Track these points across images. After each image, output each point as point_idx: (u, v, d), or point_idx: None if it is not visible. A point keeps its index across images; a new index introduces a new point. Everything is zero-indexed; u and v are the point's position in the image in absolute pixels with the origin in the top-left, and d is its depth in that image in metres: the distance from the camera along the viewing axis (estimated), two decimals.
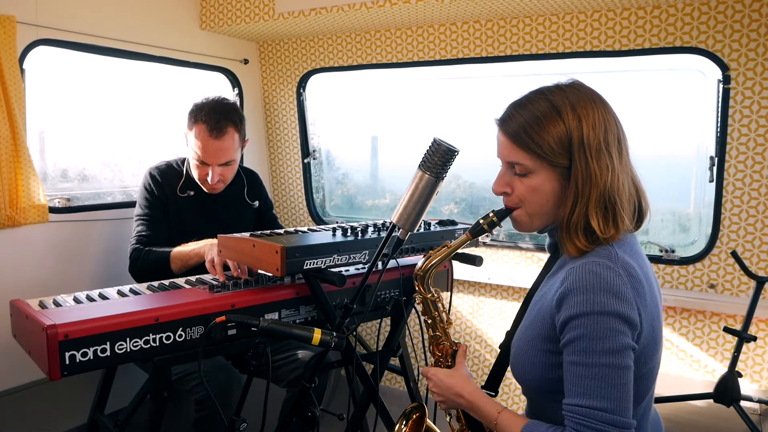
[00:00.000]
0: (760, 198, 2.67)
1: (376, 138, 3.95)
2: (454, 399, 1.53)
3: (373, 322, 3.52)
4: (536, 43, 2.96)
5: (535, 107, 1.40)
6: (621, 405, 1.25)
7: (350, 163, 4.03)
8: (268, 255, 1.96)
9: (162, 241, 2.57)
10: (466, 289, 3.42)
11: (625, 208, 1.39)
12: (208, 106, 2.53)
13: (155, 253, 2.50)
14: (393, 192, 4.00)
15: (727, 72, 2.63)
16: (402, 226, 1.72)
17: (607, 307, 1.26)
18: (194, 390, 2.31)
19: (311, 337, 1.64)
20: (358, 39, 3.41)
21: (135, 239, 2.58)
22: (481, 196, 3.62)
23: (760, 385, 2.76)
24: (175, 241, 2.54)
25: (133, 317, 1.79)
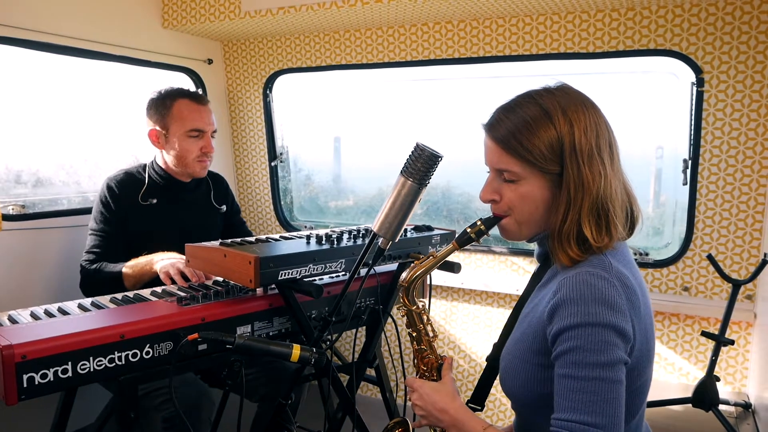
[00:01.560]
0: (733, 201, 2.67)
1: (338, 139, 3.87)
2: (438, 415, 1.45)
3: (347, 333, 3.43)
4: (509, 44, 2.92)
5: (525, 111, 1.35)
6: (612, 421, 1.20)
7: (313, 165, 3.95)
8: (240, 266, 1.87)
9: (115, 256, 2.45)
10: (439, 294, 3.36)
11: (618, 215, 1.35)
12: (177, 88, 2.56)
13: (106, 272, 2.39)
14: (356, 194, 3.93)
15: (700, 75, 2.63)
16: (383, 235, 1.65)
17: (601, 318, 1.22)
18: (161, 407, 2.19)
19: (290, 353, 1.55)
20: (327, 39, 3.32)
21: (86, 255, 2.47)
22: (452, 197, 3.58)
23: (734, 387, 2.77)
24: (137, 251, 2.42)
25: (96, 334, 1.67)
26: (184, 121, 2.48)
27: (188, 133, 2.48)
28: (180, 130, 2.48)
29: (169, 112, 2.48)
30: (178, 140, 2.48)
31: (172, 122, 2.48)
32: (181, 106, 2.49)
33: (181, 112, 2.48)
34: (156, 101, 2.51)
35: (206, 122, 2.53)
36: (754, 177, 2.62)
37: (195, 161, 2.52)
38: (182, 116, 2.48)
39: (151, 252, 2.38)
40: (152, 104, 2.52)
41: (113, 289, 2.27)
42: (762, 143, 2.58)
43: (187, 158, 2.50)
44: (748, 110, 2.58)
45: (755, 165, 2.61)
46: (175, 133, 2.49)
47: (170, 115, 2.48)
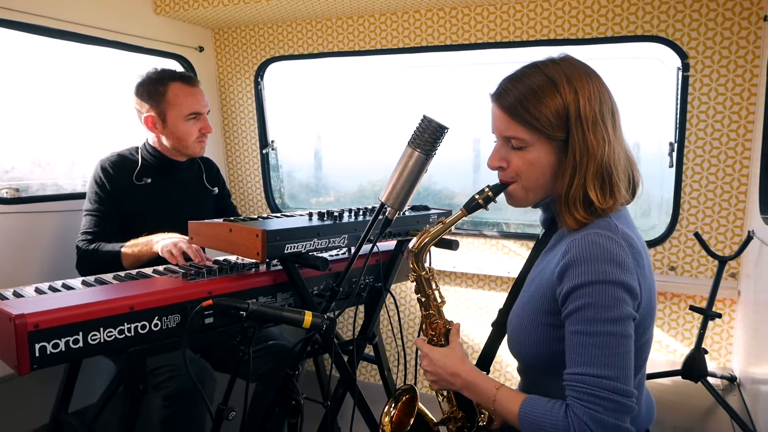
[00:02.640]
0: (717, 182, 2.76)
1: (320, 136, 3.90)
2: (449, 379, 1.49)
3: (347, 312, 3.47)
4: (500, 31, 2.98)
5: (532, 80, 1.40)
6: (624, 373, 1.26)
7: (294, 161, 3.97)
8: (247, 239, 1.89)
9: (112, 236, 2.46)
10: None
11: (621, 178, 1.41)
12: (165, 69, 2.57)
13: (104, 251, 2.39)
14: (337, 190, 3.98)
15: (686, 60, 2.71)
16: (391, 205, 1.69)
17: (610, 276, 1.27)
18: (162, 385, 2.20)
19: (302, 319, 1.58)
20: (320, 27, 3.35)
21: (83, 235, 2.46)
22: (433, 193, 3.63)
23: (719, 363, 2.86)
24: (132, 232, 2.43)
25: (106, 306, 1.69)
26: (182, 106, 2.50)
27: (187, 117, 2.51)
28: (179, 114, 2.50)
29: (164, 97, 2.49)
30: (177, 125, 2.50)
31: (169, 108, 2.49)
32: (175, 90, 2.50)
33: (177, 97, 2.49)
34: (147, 86, 2.51)
35: (202, 104, 2.57)
36: (738, 159, 2.71)
37: (195, 143, 2.56)
38: (179, 101, 2.50)
39: (147, 232, 2.39)
40: (144, 89, 2.51)
41: (111, 269, 2.27)
42: (745, 126, 2.67)
43: (188, 141, 2.53)
44: (732, 94, 2.67)
45: (738, 147, 2.70)
46: (173, 118, 2.50)
47: (166, 100, 2.49)
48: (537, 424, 1.30)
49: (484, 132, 3.30)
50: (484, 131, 3.29)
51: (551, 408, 1.29)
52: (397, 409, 1.71)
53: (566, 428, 1.24)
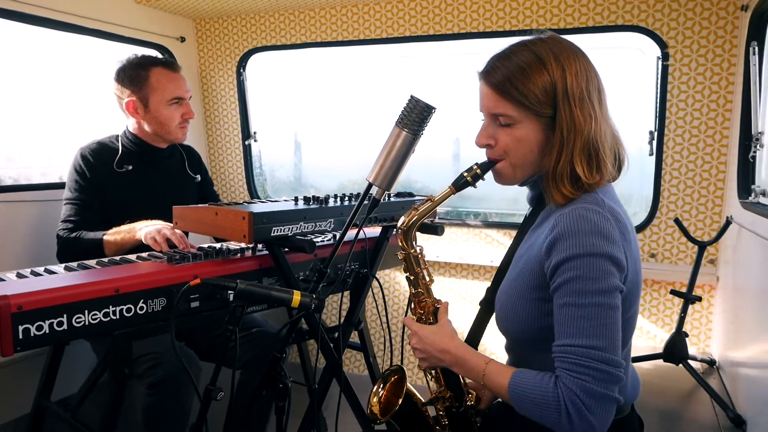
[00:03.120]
0: (696, 170, 2.81)
1: (300, 134, 3.90)
2: (439, 355, 1.50)
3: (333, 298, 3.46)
4: (483, 21, 3.00)
5: (519, 58, 1.41)
6: (612, 344, 1.27)
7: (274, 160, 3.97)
8: (233, 222, 1.88)
9: (93, 225, 2.43)
10: None
11: (608, 154, 1.42)
12: (147, 55, 2.56)
13: (85, 240, 2.36)
14: (317, 188, 3.98)
15: (665, 49, 2.75)
16: (379, 185, 1.69)
17: (598, 249, 1.28)
18: (146, 373, 2.18)
19: (290, 299, 1.58)
20: (303, 17, 3.34)
21: (63, 224, 2.43)
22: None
23: (698, 347, 2.91)
24: (114, 221, 2.40)
25: (91, 288, 1.67)
26: (164, 90, 2.48)
27: (170, 102, 2.49)
28: (161, 99, 2.48)
29: (146, 82, 2.47)
30: (160, 110, 2.49)
31: (152, 93, 2.48)
32: (158, 75, 2.49)
33: (159, 82, 2.48)
34: (129, 71, 2.48)
35: (184, 89, 2.56)
36: (716, 146, 2.76)
37: (177, 128, 2.54)
38: (162, 86, 2.48)
39: (129, 220, 2.36)
40: (125, 74, 2.49)
41: (93, 257, 2.25)
42: (723, 114, 2.72)
43: (170, 126, 2.51)
44: (710, 83, 2.72)
45: (717, 135, 2.75)
46: (156, 103, 2.48)
47: (148, 85, 2.47)
48: (527, 396, 1.31)
49: (464, 132, 3.33)
50: (464, 131, 3.34)
51: (541, 380, 1.30)
52: (386, 390, 1.71)
53: (556, 399, 1.26)
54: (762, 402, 2.09)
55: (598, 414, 1.24)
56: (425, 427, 1.69)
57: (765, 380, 2.09)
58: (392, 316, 3.44)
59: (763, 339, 2.12)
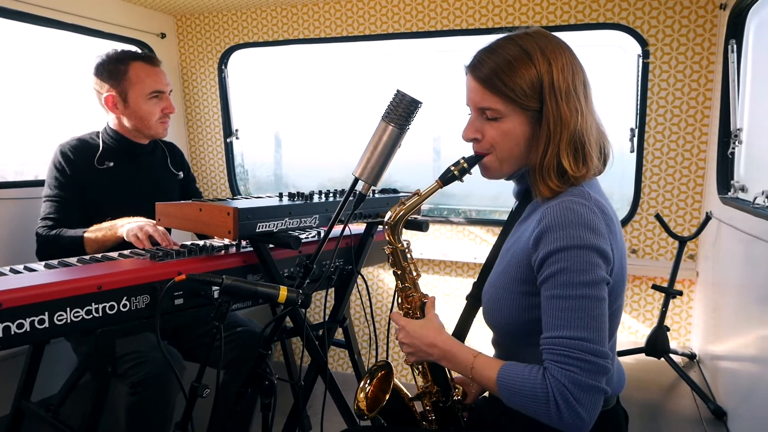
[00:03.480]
0: (676, 166, 2.85)
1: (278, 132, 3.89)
2: (427, 349, 1.50)
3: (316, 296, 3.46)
4: (466, 18, 3.01)
5: (506, 52, 1.41)
6: (599, 335, 1.28)
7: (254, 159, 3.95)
8: (218, 218, 1.86)
9: (73, 222, 2.39)
10: None
11: (593, 148, 1.43)
12: (126, 50, 2.52)
13: (66, 238, 2.32)
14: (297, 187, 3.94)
15: (646, 47, 2.78)
16: (365, 179, 1.68)
17: (585, 241, 1.29)
18: (129, 373, 2.15)
19: (277, 294, 1.57)
20: (285, 13, 3.33)
21: (43, 222, 2.39)
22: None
23: (679, 342, 2.95)
24: (95, 218, 2.37)
25: (73, 285, 1.64)
26: (144, 84, 2.45)
27: (149, 96, 2.46)
28: (140, 93, 2.45)
29: (125, 76, 2.43)
30: (139, 104, 2.45)
31: (131, 87, 2.44)
32: (137, 69, 2.45)
33: (138, 76, 2.44)
34: (108, 65, 2.45)
35: (164, 83, 2.52)
36: (695, 143, 2.79)
37: (158, 123, 2.51)
38: (141, 80, 2.44)
39: (111, 218, 2.33)
40: (104, 69, 2.45)
41: (73, 255, 2.22)
42: (702, 111, 2.76)
43: (150, 120, 2.48)
44: (690, 80, 2.75)
45: (696, 132, 2.78)
46: (135, 97, 2.45)
47: (127, 79, 2.43)
48: (515, 388, 1.31)
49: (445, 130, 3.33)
50: (445, 129, 3.35)
51: (529, 372, 1.31)
52: (373, 385, 1.71)
53: (545, 390, 1.26)
54: (742, 394, 2.13)
55: (587, 405, 1.25)
56: (412, 423, 1.69)
57: (744, 373, 2.12)
58: (377, 314, 3.44)
59: (742, 332, 2.15)
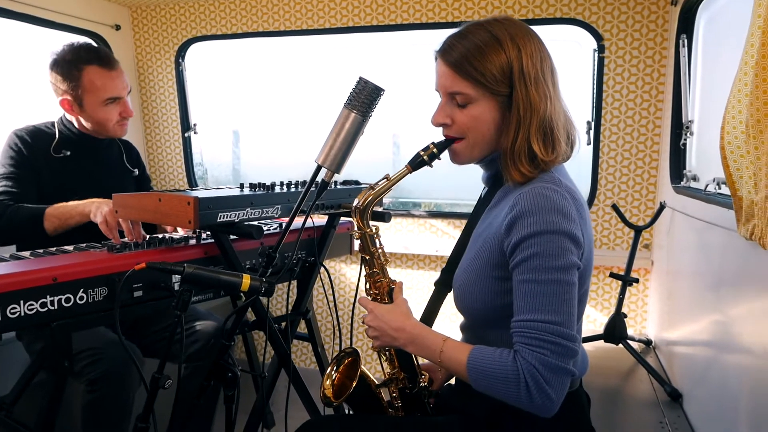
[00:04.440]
0: (631, 158, 2.92)
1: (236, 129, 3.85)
2: (393, 334, 1.49)
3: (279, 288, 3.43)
4: (426, 12, 3.03)
5: (476, 37, 1.42)
6: (569, 319, 1.30)
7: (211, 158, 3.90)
8: (178, 208, 1.83)
9: (29, 202, 2.30)
10: (358, 258, 3.41)
11: (561, 133, 1.46)
12: (81, 48, 2.37)
13: (26, 210, 2.23)
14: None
15: (601, 42, 2.85)
16: (328, 167, 1.67)
17: (557, 226, 1.31)
18: (85, 370, 2.09)
19: (240, 282, 1.55)
20: (243, 5, 3.29)
21: (0, 197, 2.29)
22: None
23: (635, 329, 3.02)
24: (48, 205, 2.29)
25: (27, 277, 1.58)
26: (98, 91, 2.35)
27: (105, 103, 2.37)
28: (95, 101, 2.36)
29: (79, 83, 2.33)
30: (94, 110, 2.37)
31: (85, 93, 2.35)
32: (91, 75, 2.34)
33: (92, 83, 2.34)
34: (62, 67, 2.34)
35: (121, 87, 2.41)
36: (649, 135, 2.87)
37: (116, 126, 2.43)
38: (95, 87, 2.34)
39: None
40: (58, 71, 2.35)
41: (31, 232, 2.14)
42: (655, 104, 2.83)
43: (107, 126, 2.41)
44: (643, 74, 2.83)
45: (650, 124, 2.86)
46: (90, 103, 2.36)
47: (81, 86, 2.33)
48: (486, 371, 1.32)
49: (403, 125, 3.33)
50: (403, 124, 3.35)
51: (500, 355, 1.32)
52: (339, 372, 1.70)
53: (515, 372, 1.28)
54: (696, 376, 2.19)
55: (556, 386, 1.27)
56: (379, 410, 1.69)
57: (698, 356, 2.19)
58: (339, 307, 3.42)
59: (695, 318, 2.22)
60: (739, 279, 1.76)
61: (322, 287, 2.47)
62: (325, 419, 1.76)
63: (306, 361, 3.64)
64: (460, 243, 1.63)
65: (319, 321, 3.42)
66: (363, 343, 3.36)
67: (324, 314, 3.46)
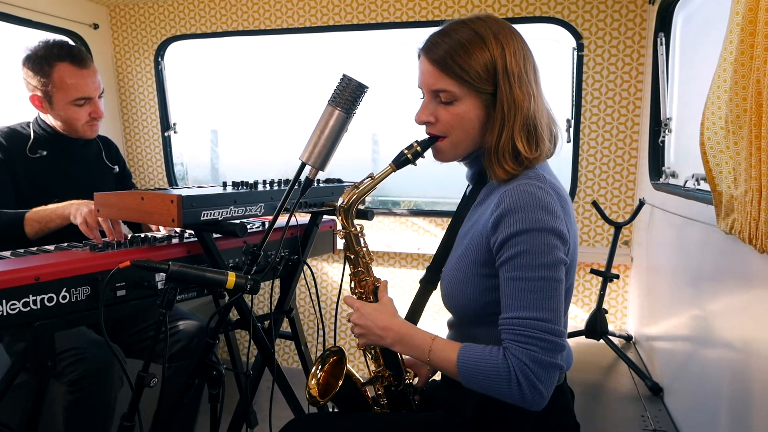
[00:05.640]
0: (610, 155, 2.95)
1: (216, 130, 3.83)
2: (379, 333, 1.49)
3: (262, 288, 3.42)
4: (407, 11, 3.04)
5: (460, 35, 1.43)
6: (556, 315, 1.31)
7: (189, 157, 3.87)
8: (161, 206, 1.81)
9: (7, 206, 2.27)
10: (341, 257, 3.41)
11: (545, 131, 1.47)
12: (55, 45, 2.32)
13: (5, 216, 2.19)
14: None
15: (580, 40, 2.88)
16: (312, 164, 1.67)
17: (543, 223, 1.32)
18: (66, 371, 2.07)
19: (225, 280, 1.55)
20: (223, 4, 3.27)
21: None
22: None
23: (616, 325, 3.06)
24: (27, 207, 2.26)
25: (8, 276, 1.55)
26: (68, 90, 2.31)
27: (74, 102, 2.33)
28: (65, 99, 2.32)
29: (49, 79, 2.29)
30: (63, 109, 2.34)
31: (55, 91, 2.31)
32: (62, 72, 2.30)
33: (63, 81, 2.30)
34: (33, 63, 2.31)
35: (92, 88, 2.37)
36: (628, 133, 2.91)
37: (84, 127, 2.39)
38: (65, 85, 2.31)
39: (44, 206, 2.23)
40: (29, 66, 2.31)
41: (11, 237, 2.11)
42: (634, 102, 2.87)
43: (76, 125, 2.37)
44: (622, 72, 2.86)
45: (629, 122, 2.90)
46: (59, 101, 2.32)
47: (51, 82, 2.30)
48: (476, 368, 1.33)
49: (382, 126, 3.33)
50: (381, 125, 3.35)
51: (489, 352, 1.33)
52: (324, 371, 1.70)
53: (506, 369, 1.28)
54: (676, 370, 2.23)
55: (546, 381, 1.29)
56: (364, 408, 1.69)
57: (678, 351, 2.22)
58: (323, 306, 3.43)
59: (675, 313, 2.25)
60: (718, 274, 1.79)
61: (305, 286, 2.46)
62: (309, 418, 1.76)
63: (289, 360, 3.63)
64: (445, 241, 1.64)
65: (302, 319, 3.42)
66: (346, 342, 3.35)
67: (307, 313, 3.45)
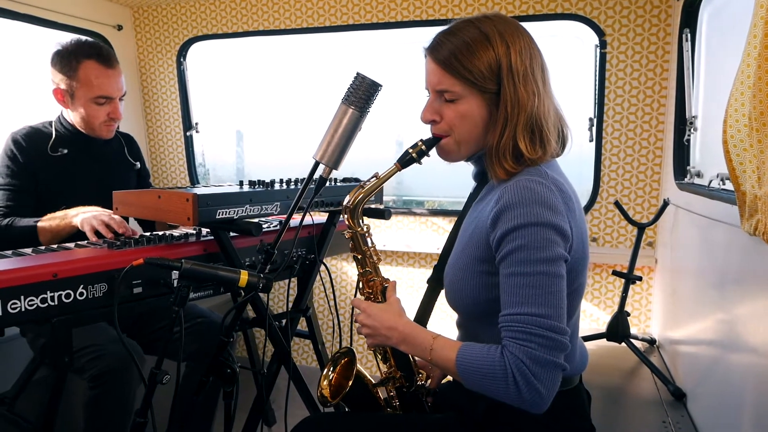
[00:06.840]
0: (634, 155, 2.90)
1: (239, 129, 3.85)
2: (386, 333, 1.48)
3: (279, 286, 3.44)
4: (426, 9, 3.02)
5: (465, 34, 1.42)
6: (557, 312, 1.28)
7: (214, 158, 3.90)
8: (177, 205, 1.83)
9: (27, 212, 2.32)
10: None
11: (551, 131, 1.44)
12: (85, 43, 2.37)
13: (18, 227, 2.24)
14: None
15: (603, 37, 2.83)
16: (326, 163, 1.67)
17: (541, 218, 1.30)
18: (87, 367, 2.09)
19: (238, 278, 1.55)
20: (244, 4, 3.29)
21: None
22: None
23: (639, 328, 3.00)
24: (50, 208, 2.30)
25: (27, 272, 1.58)
26: (91, 87, 2.34)
27: (95, 100, 2.36)
28: (86, 95, 2.35)
29: (75, 74, 2.33)
30: (83, 105, 2.37)
31: (79, 86, 2.34)
32: (88, 69, 2.33)
33: (87, 77, 2.33)
34: (62, 58, 2.35)
35: (115, 88, 2.40)
36: (652, 132, 2.85)
37: (101, 126, 2.42)
38: (89, 81, 2.34)
39: (66, 207, 2.26)
40: (58, 60, 2.36)
41: (27, 246, 2.15)
42: (658, 100, 2.81)
43: (93, 123, 2.40)
44: (646, 69, 2.81)
45: (653, 120, 2.84)
46: (81, 97, 2.36)
47: (76, 77, 2.33)
48: (474, 367, 1.31)
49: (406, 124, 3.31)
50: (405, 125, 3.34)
51: (488, 351, 1.31)
52: (336, 372, 1.70)
53: (503, 368, 1.26)
54: (700, 375, 2.17)
55: (545, 381, 1.25)
56: (376, 409, 1.68)
57: (703, 355, 2.17)
58: (340, 305, 3.43)
59: (700, 316, 2.20)
60: (743, 276, 1.74)
61: (322, 285, 2.46)
62: (322, 416, 1.76)
63: (307, 358, 3.64)
64: (450, 239, 1.63)
65: (319, 318, 3.43)
66: (363, 342, 3.35)
67: (325, 312, 3.45)
